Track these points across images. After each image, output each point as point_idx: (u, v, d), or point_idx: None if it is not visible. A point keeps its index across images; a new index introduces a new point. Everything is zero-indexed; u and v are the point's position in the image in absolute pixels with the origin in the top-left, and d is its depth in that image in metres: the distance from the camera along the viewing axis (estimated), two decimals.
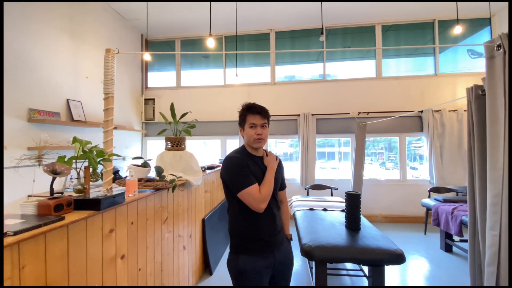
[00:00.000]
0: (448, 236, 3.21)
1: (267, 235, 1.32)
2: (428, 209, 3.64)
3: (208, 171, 2.95)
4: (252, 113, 1.33)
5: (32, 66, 2.80)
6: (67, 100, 3.23)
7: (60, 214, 1.06)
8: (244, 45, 4.99)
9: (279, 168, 1.45)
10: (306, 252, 1.86)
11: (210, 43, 3.31)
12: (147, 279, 1.65)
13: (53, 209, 1.04)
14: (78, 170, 1.31)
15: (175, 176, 1.95)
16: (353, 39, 4.82)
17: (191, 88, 5.04)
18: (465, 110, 4.20)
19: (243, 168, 1.28)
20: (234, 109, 5.42)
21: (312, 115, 4.57)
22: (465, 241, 3.10)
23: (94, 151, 1.31)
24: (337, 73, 4.89)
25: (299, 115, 4.60)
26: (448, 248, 3.21)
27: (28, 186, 2.39)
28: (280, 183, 1.46)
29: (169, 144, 2.23)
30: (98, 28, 3.82)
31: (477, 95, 1.65)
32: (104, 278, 1.26)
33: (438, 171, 4.23)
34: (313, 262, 1.99)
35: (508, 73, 1.35)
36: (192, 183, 2.21)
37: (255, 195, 1.23)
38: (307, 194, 4.10)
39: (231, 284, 1.39)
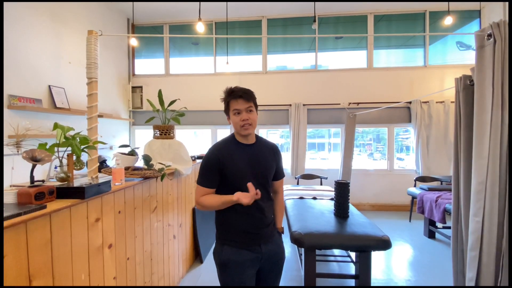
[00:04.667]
0: (431, 223, 3.33)
1: (254, 228, 1.25)
2: (414, 197, 3.75)
3: (198, 161, 2.92)
4: (234, 97, 1.21)
5: (10, 50, 2.64)
6: (49, 86, 3.08)
7: (41, 202, 1.02)
8: (235, 32, 4.87)
9: (276, 157, 1.36)
10: (296, 239, 1.88)
11: (200, 27, 3.20)
12: (136, 268, 1.63)
13: (33, 197, 0.99)
14: (60, 158, 1.26)
15: (164, 165, 1.91)
16: (345, 28, 4.78)
17: (180, 76, 4.91)
18: (452, 102, 4.29)
19: (210, 168, 1.23)
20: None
21: (304, 105, 4.56)
22: (448, 227, 3.23)
23: (77, 138, 1.25)
24: (329, 63, 4.87)
25: (290, 105, 4.58)
26: (431, 235, 3.34)
27: (6, 174, 2.28)
28: (275, 173, 1.36)
29: (158, 132, 2.18)
30: (80, 10, 3.62)
31: (466, 85, 1.67)
32: (91, 267, 1.24)
33: (424, 161, 4.35)
34: (303, 249, 2.02)
35: (505, 62, 1.37)
36: (181, 172, 2.17)
37: (197, 196, 1.25)
38: (297, 184, 4.14)
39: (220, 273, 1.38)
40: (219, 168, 1.22)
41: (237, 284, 1.21)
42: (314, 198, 2.92)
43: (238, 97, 1.21)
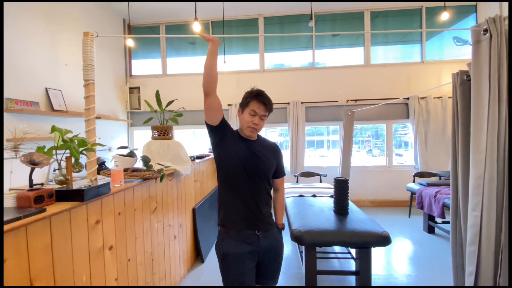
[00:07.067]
0: (431, 218, 3.35)
1: (249, 218, 1.29)
2: (413, 193, 3.77)
3: (197, 161, 2.92)
4: (258, 101, 1.29)
5: (6, 52, 2.62)
6: (46, 88, 3.07)
7: (41, 206, 1.02)
8: (232, 31, 4.85)
9: (276, 155, 1.43)
10: (296, 237, 1.89)
11: (196, 27, 3.19)
12: (137, 269, 1.64)
13: (33, 201, 0.99)
14: (59, 160, 1.25)
15: (163, 165, 1.91)
16: (342, 25, 4.77)
17: (177, 76, 4.90)
18: (449, 97, 4.30)
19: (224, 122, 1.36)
20: (223, 97, 5.33)
21: (302, 103, 4.56)
22: (447, 222, 3.25)
23: (75, 141, 1.25)
24: (326, 60, 4.86)
25: (288, 103, 4.58)
26: (430, 230, 3.36)
27: (5, 178, 2.27)
28: (275, 171, 1.42)
29: (156, 133, 2.18)
30: (75, 12, 3.60)
31: (462, 81, 1.67)
32: (92, 270, 1.24)
33: (423, 157, 4.36)
34: (303, 247, 2.03)
35: (501, 57, 1.37)
36: (181, 173, 2.17)
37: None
38: (297, 181, 4.15)
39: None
40: (225, 127, 1.35)
41: (236, 274, 1.26)
42: (314, 196, 2.93)
43: (262, 103, 1.29)
